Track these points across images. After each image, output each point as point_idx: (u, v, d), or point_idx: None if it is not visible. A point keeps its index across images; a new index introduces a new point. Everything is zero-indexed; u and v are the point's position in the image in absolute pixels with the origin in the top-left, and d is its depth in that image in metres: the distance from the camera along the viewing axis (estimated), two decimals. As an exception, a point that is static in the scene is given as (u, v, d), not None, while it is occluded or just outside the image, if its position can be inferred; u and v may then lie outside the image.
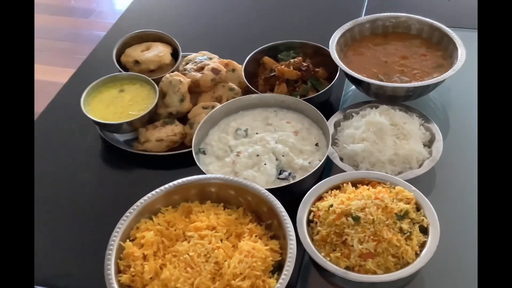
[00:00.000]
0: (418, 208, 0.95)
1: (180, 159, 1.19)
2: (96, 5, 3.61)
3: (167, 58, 1.39)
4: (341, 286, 0.95)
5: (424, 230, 0.92)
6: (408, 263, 0.88)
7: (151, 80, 1.31)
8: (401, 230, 0.90)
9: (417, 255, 0.89)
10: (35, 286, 0.98)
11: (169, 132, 1.23)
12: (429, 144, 1.12)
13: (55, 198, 1.17)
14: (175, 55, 1.41)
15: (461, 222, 1.04)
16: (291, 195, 1.03)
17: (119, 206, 1.01)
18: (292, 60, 1.30)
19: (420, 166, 1.08)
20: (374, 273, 0.87)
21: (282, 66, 1.28)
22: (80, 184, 1.20)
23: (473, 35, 1.32)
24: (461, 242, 1.00)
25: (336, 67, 1.27)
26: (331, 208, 0.94)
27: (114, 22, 1.69)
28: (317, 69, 1.29)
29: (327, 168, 1.13)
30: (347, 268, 0.88)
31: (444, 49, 1.27)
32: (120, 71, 1.36)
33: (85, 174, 1.22)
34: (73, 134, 1.32)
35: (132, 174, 1.23)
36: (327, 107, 1.25)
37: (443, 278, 0.96)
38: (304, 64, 1.28)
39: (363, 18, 1.34)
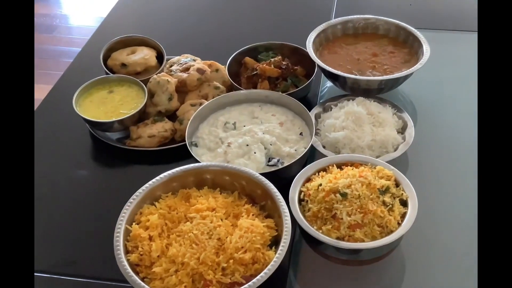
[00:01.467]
0: (397, 184, 1.05)
1: (172, 153, 1.26)
2: (59, 21, 3.64)
3: (153, 60, 1.46)
4: (329, 255, 1.04)
5: (404, 203, 1.02)
6: (391, 231, 0.97)
7: (139, 81, 1.38)
8: (384, 203, 1.00)
9: (399, 224, 0.99)
10: (41, 274, 1.04)
11: (160, 128, 1.30)
12: (401, 131, 1.24)
13: (53, 194, 1.21)
14: (159, 58, 1.48)
15: (434, 195, 1.15)
16: (280, 181, 1.10)
17: (117, 198, 1.07)
18: (272, 59, 1.39)
19: (395, 150, 1.18)
20: (362, 241, 0.96)
21: (264, 65, 1.37)
22: (77, 180, 1.24)
23: (432, 35, 1.47)
24: (435, 212, 1.12)
25: (311, 65, 1.37)
26: (320, 187, 1.03)
27: (96, 29, 1.75)
28: (295, 67, 1.39)
29: (311, 156, 1.22)
30: (338, 238, 0.97)
31: (410, 46, 1.39)
32: (107, 74, 1.42)
33: (81, 170, 1.27)
34: (65, 134, 1.36)
35: (127, 168, 1.28)
36: (305, 103, 1.34)
37: (421, 244, 1.07)
38: (284, 62, 1.38)
39: (335, 20, 1.45)
